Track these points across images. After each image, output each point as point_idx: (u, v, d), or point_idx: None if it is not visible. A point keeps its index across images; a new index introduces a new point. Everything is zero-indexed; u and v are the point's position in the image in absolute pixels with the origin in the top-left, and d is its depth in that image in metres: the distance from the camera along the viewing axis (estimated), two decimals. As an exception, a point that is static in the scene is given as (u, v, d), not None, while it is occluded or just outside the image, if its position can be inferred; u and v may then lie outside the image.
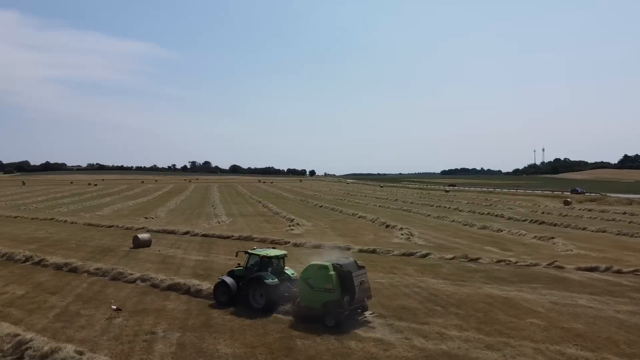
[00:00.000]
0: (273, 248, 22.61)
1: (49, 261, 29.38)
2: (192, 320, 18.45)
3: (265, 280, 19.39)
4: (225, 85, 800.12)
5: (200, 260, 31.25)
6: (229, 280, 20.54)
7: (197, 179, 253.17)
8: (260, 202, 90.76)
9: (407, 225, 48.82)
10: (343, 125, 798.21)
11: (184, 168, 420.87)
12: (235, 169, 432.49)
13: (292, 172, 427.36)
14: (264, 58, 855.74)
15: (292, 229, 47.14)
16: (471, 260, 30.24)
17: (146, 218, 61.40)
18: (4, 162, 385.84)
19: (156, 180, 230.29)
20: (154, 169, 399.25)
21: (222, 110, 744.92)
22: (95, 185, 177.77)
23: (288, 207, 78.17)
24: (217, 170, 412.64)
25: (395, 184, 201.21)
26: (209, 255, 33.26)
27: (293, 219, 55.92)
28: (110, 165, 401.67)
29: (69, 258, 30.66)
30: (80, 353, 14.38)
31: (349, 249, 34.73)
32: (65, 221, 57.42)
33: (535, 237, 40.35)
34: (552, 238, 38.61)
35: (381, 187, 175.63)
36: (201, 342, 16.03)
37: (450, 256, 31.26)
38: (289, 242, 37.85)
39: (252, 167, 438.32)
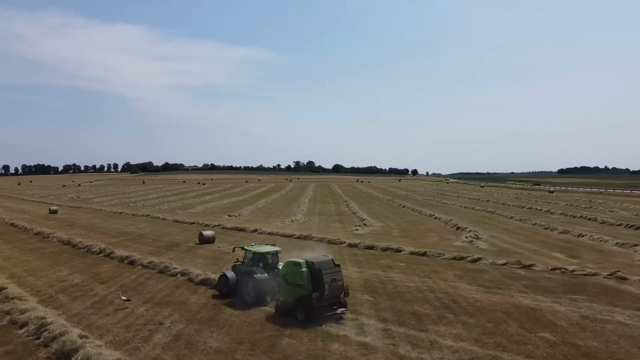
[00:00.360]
0: (273, 245, 23.48)
1: (116, 254, 32.50)
2: (203, 313, 19.50)
3: (255, 275, 20.58)
4: (330, 85, 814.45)
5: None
6: (229, 274, 22.02)
7: (298, 179, 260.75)
8: (346, 201, 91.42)
9: (481, 228, 46.63)
10: (451, 122, 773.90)
11: (288, 167, 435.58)
12: (337, 169, 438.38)
13: (393, 172, 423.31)
14: (368, 57, 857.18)
15: (357, 230, 47.16)
16: (524, 266, 28.16)
17: (230, 216, 64.86)
18: (132, 163, 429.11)
19: (259, 180, 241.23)
20: (259, 169, 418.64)
21: (326, 111, 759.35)
22: (204, 184, 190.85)
23: (369, 207, 78.01)
24: (320, 170, 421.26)
25: (497, 184, 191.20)
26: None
27: (365, 219, 55.89)
28: (222, 165, 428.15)
29: (135, 252, 33.74)
30: (83, 337, 15.93)
31: (400, 250, 34.06)
32: (158, 217, 62.65)
33: (617, 243, 36.34)
34: (635, 245, 34.53)
35: (481, 186, 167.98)
36: (197, 335, 16.94)
37: (503, 262, 29.38)
38: (344, 243, 37.97)
39: (355, 166, 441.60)
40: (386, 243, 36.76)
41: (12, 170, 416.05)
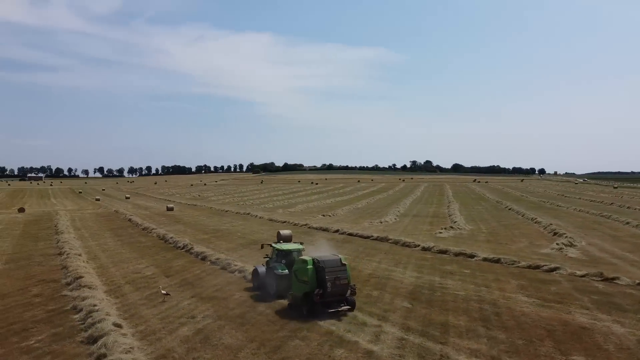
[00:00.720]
0: (300, 244, 24.52)
1: (194, 250, 34.89)
2: (236, 310, 20.23)
3: (276, 271, 21.72)
4: (450, 82, 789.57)
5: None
6: (260, 269, 23.54)
7: (412, 179, 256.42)
8: (450, 203, 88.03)
9: (583, 234, 42.39)
10: (589, 115, 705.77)
11: (404, 167, 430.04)
12: (456, 168, 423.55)
13: (517, 171, 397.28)
14: (488, 52, 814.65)
15: (440, 233, 45.31)
16: (605, 279, 24.93)
17: (323, 216, 66.08)
18: (255, 163, 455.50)
19: (372, 180, 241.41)
20: (374, 169, 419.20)
21: (445, 108, 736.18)
22: (316, 184, 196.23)
23: (471, 209, 74.40)
24: (437, 170, 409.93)
25: (636, 185, 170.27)
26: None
27: (456, 222, 53.52)
28: (338, 165, 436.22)
29: (213, 248, 36.02)
30: (117, 325, 17.49)
31: (473, 256, 32.13)
32: (256, 216, 65.83)
33: None
34: None
35: (614, 187, 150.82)
36: (218, 330, 17.63)
37: (582, 273, 26.30)
38: (418, 246, 36.73)
39: (476, 165, 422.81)
40: (462, 248, 34.91)
41: (153, 171, 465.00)
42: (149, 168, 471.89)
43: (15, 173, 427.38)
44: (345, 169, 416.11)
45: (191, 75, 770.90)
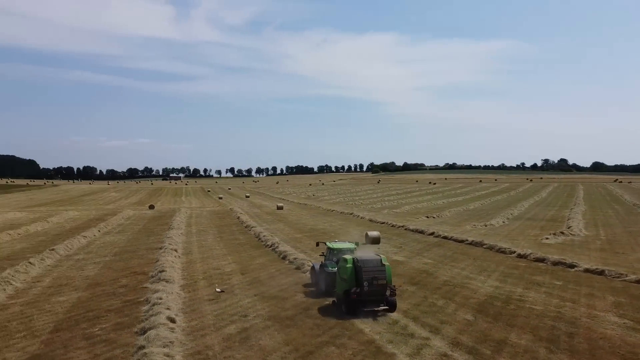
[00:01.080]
0: (355, 243, 24.58)
1: (278, 249, 35.58)
2: (289, 311, 20.14)
3: (326, 268, 22.27)
4: (589, 73, 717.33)
5: (398, 262, 31.63)
6: (317, 265, 24.17)
7: (541, 178, 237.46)
8: (575, 205, 79.85)
9: None
10: None
11: (534, 166, 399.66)
12: (597, 167, 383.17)
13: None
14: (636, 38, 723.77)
15: (547, 239, 41.11)
16: None
17: (427, 217, 63.73)
18: (375, 163, 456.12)
19: (495, 180, 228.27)
20: (500, 168, 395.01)
21: (585, 102, 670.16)
22: (434, 184, 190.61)
23: (599, 212, 66.71)
24: (573, 169, 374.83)
25: None
26: (413, 257, 33.25)
27: (571, 227, 48.23)
28: (461, 164, 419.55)
29: (297, 247, 36.60)
30: (171, 319, 18.37)
31: (573, 266, 28.67)
32: (358, 216, 65.61)
33: None
34: None
35: None
36: (261, 331, 17.61)
37: None
38: (514, 253, 33.69)
39: (621, 164, 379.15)
40: (564, 256, 31.34)
41: (278, 171, 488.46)
42: (274, 168, 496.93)
43: (160, 173, 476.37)
44: (468, 168, 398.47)
45: (316, 78, 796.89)
